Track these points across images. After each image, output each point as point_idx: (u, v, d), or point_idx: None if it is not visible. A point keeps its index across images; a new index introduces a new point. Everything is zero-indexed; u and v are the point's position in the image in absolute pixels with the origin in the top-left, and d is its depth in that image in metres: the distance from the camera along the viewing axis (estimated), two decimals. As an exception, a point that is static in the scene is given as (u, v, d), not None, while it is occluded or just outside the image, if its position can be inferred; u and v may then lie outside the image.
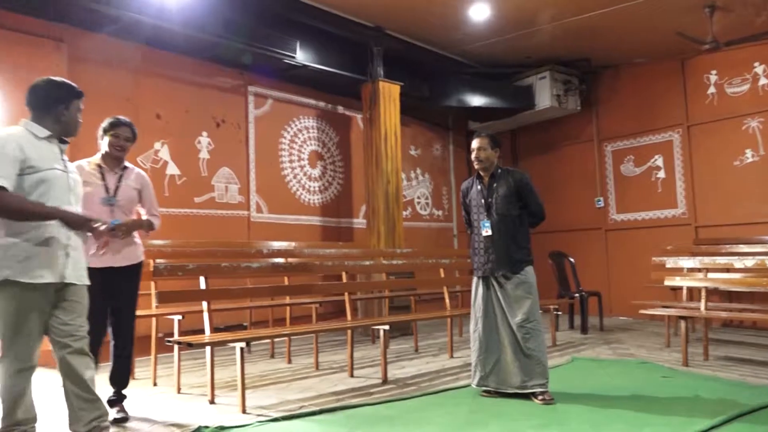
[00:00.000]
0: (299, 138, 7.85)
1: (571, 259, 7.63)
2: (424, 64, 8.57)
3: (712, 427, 3.30)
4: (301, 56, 7.02)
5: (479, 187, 4.27)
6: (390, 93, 7.70)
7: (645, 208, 8.77)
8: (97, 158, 3.67)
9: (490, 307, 4.16)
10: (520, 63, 8.97)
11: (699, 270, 5.65)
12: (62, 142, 2.87)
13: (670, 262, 5.84)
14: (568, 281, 7.63)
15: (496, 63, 8.99)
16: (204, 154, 6.77)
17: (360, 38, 7.49)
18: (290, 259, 5.64)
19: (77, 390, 2.74)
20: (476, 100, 8.94)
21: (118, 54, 6.09)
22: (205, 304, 3.98)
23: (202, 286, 4.04)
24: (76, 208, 2.86)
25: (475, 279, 4.26)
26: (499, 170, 4.23)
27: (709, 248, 7.29)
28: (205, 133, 6.81)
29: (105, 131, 3.65)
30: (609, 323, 8.07)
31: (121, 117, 3.71)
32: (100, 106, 5.18)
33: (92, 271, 3.01)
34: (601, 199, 9.27)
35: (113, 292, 3.53)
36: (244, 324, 6.13)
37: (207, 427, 3.35)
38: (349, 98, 8.26)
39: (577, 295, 7.35)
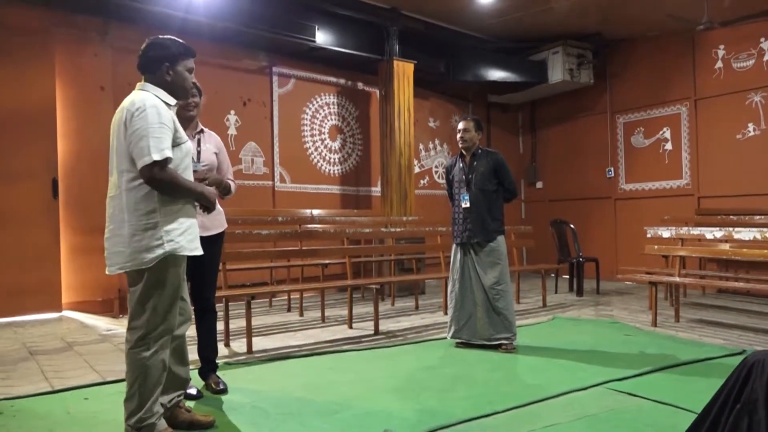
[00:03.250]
0: (320, 113, 8.54)
1: (572, 226, 8.12)
2: (440, 41, 9.02)
3: (636, 375, 3.90)
4: (320, 39, 7.62)
5: (461, 164, 4.88)
6: (404, 71, 8.24)
7: (652, 178, 9.11)
8: None
9: (466, 271, 4.81)
10: (534, 38, 9.31)
11: (675, 240, 6.10)
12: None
13: (650, 232, 6.30)
14: (569, 247, 8.15)
15: (511, 38, 9.36)
16: (232, 131, 7.55)
17: (376, 19, 8.02)
18: (303, 226, 6.41)
19: (178, 367, 2.81)
20: (492, 75, 9.37)
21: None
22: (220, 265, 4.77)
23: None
24: None
25: (454, 246, 4.91)
26: (480, 150, 4.85)
27: (704, 218, 7.67)
28: (233, 112, 7.58)
29: None
30: (611, 287, 8.59)
31: None
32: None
33: None
34: (612, 169, 9.64)
35: (198, 262, 3.39)
36: (266, 282, 6.98)
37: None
38: (369, 75, 8.84)
39: (574, 261, 7.88)
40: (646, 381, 3.80)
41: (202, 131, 3.64)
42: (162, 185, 2.53)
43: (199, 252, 2.75)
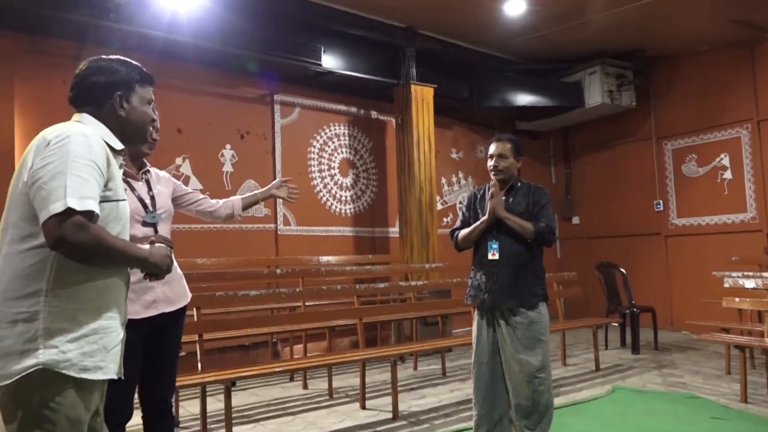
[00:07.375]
0: (329, 146, 7.58)
1: (622, 270, 7.00)
2: (462, 63, 8.11)
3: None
4: (327, 62, 6.73)
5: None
6: (423, 96, 7.30)
7: (710, 212, 7.96)
8: None
9: (497, 351, 3.32)
10: (568, 57, 8.36)
11: (762, 292, 4.96)
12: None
13: (729, 281, 5.17)
14: (619, 295, 7.01)
15: (541, 58, 8.42)
16: (228, 167, 6.62)
17: (391, 40, 7.12)
18: (306, 280, 5.39)
19: None
20: (520, 99, 8.40)
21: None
22: (196, 336, 3.77)
23: (195, 318, 3.84)
24: None
25: (476, 316, 3.44)
26: (519, 183, 3.46)
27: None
28: (228, 146, 6.65)
29: None
30: (667, 339, 7.39)
31: None
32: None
33: (135, 324, 2.29)
34: (660, 201, 8.51)
35: (155, 345, 2.54)
36: (266, 341, 5.95)
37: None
38: (383, 102, 7.91)
39: (627, 311, 6.74)
40: None
41: (148, 171, 2.70)
42: (80, 250, 1.57)
43: (105, 376, 1.69)
